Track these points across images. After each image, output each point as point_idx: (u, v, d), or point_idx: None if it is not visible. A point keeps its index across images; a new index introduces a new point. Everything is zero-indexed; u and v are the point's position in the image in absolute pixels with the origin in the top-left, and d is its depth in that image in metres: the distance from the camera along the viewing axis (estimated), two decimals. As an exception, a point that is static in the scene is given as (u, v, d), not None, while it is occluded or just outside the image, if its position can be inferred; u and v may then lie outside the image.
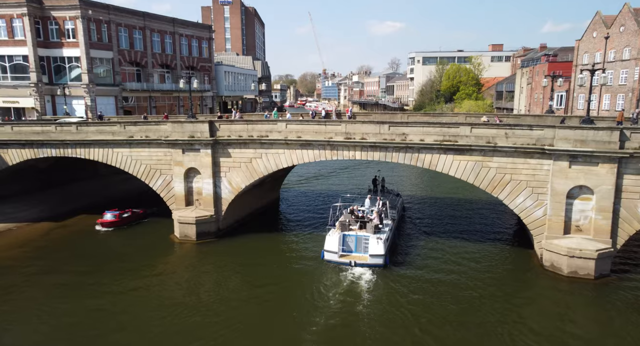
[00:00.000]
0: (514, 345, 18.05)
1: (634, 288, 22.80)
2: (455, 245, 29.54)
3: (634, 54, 49.99)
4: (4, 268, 26.05)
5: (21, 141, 33.24)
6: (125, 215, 33.95)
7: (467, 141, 26.15)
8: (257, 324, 20.02)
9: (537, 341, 18.31)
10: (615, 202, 23.65)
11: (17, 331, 19.38)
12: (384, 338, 18.65)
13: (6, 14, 44.03)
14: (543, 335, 18.70)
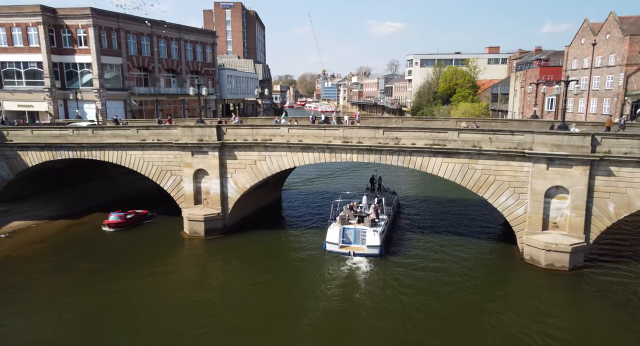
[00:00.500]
0: (495, 327, 20.36)
1: (604, 278, 25.07)
2: (445, 239, 31.89)
3: (619, 61, 52.28)
4: (27, 261, 28.27)
5: (40, 144, 35.46)
6: (129, 216, 35.24)
7: (454, 145, 28.43)
8: (262, 309, 22.29)
9: (517, 323, 20.58)
10: (588, 200, 25.95)
11: (40, 318, 21.52)
12: (378, 320, 20.90)
13: (22, 23, 46.32)
14: (522, 318, 20.93)
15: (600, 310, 21.94)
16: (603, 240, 28.78)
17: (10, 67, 48.14)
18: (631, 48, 50.82)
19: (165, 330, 20.17)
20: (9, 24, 46.69)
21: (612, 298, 22.90)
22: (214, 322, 20.91)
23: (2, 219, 34.60)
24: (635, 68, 50.94)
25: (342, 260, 27.80)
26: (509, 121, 40.35)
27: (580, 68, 60.37)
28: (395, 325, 20.52)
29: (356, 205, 31.97)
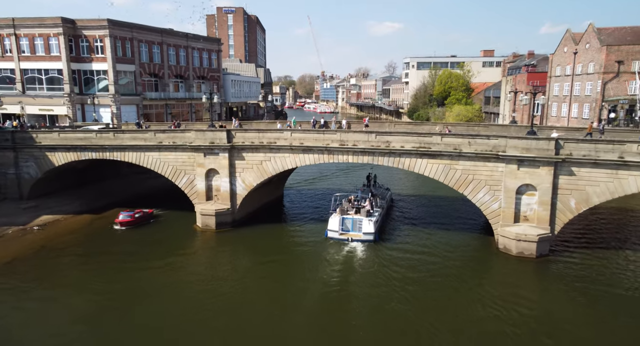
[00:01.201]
0: (470, 301, 23.96)
1: (566, 264, 28.72)
2: (432, 230, 35.80)
3: (597, 69, 55.95)
4: (61, 250, 31.83)
5: (67, 145, 39.02)
6: (137, 215, 37.14)
7: (438, 148, 32.12)
8: (269, 288, 25.98)
9: (488, 299, 24.16)
10: (553, 197, 29.61)
11: (74, 300, 25.00)
12: (371, 296, 24.55)
13: (44, 33, 49.90)
14: (494, 297, 24.50)
15: (561, 291, 25.50)
16: (566, 232, 32.46)
17: (32, 74, 51.76)
18: (608, 57, 54.54)
19: (184, 305, 23.61)
20: (32, 35, 50.36)
21: (571, 280, 26.51)
22: (224, 300, 24.43)
23: (33, 213, 38.21)
24: (611, 76, 54.67)
25: (341, 245, 31.97)
26: (490, 125, 44.05)
27: (563, 75, 64.06)
28: (385, 299, 24.13)
29: (354, 198, 36.18)
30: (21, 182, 40.09)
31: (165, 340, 20.45)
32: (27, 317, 22.42)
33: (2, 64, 51.87)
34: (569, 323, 22.00)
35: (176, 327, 21.37)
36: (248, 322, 22.09)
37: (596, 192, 28.71)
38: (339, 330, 21.45)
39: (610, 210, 40.64)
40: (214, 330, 21.44)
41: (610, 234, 35.19)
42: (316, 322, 22.27)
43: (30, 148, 39.49)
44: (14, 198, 40.15)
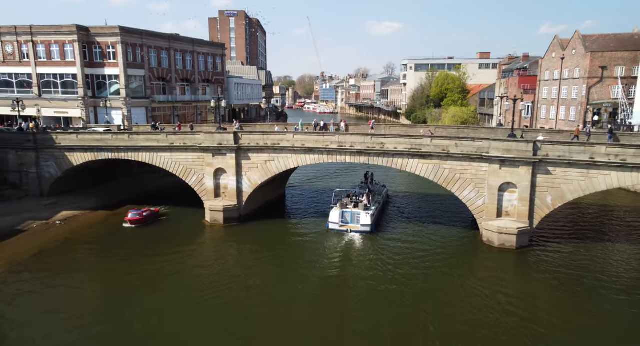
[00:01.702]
0: (455, 286, 26.81)
1: (543, 254, 31.55)
2: (423, 223, 38.91)
3: (582, 74, 58.84)
4: (82, 243, 34.56)
5: (84, 146, 41.81)
6: (145, 214, 38.81)
7: (428, 149, 34.98)
8: (274, 274, 28.91)
9: (472, 284, 26.98)
10: (531, 193, 32.44)
11: (100, 286, 27.97)
12: (366, 279, 27.42)
13: (60, 40, 52.65)
14: (477, 283, 27.32)
15: (538, 278, 28.18)
16: (544, 225, 35.33)
17: (48, 78, 54.56)
18: (592, 63, 57.44)
19: (195, 288, 26.37)
20: (48, 41, 53.12)
21: (547, 269, 29.28)
22: (232, 283, 27.17)
23: (53, 209, 41.03)
24: (595, 81, 57.59)
25: (341, 236, 35.36)
26: (479, 128, 46.84)
27: (551, 79, 66.91)
28: (379, 282, 26.94)
29: (352, 194, 39.62)
30: (42, 180, 42.91)
31: (178, 319, 23.32)
32: (57, 301, 25.30)
33: (20, 69, 54.76)
34: (544, 305, 24.69)
35: (188, 307, 24.18)
36: (253, 302, 24.89)
37: (570, 189, 31.60)
38: (337, 310, 24.24)
39: (583, 205, 43.68)
40: (223, 308, 24.30)
41: (583, 228, 38.11)
42: (317, 303, 25.07)
43: (50, 149, 42.31)
44: (34, 196, 42.93)
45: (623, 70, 56.24)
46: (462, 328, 22.12)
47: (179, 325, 22.34)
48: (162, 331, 22.03)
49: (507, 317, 23.15)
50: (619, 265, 30.57)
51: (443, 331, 21.87)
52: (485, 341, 21.02)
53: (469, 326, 22.21)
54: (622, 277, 28.26)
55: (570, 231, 37.07)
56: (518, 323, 22.49)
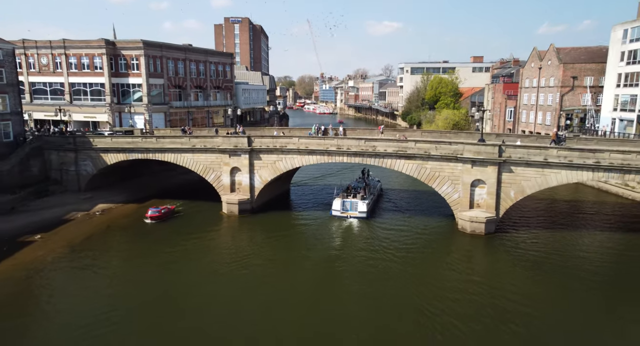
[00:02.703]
0: (432, 262, 33.03)
1: (506, 239, 37.54)
2: (409, 212, 45.51)
3: (556, 83, 65.10)
4: (120, 230, 40.60)
5: (118, 148, 47.98)
6: (163, 211, 42.88)
7: (412, 151, 41.25)
8: (284, 252, 35.27)
9: (446, 262, 33.17)
10: (497, 188, 38.58)
11: (138, 261, 34.11)
12: (361, 256, 33.55)
13: (89, 53, 58.77)
14: (452, 261, 33.51)
15: (501, 258, 34.09)
16: (510, 216, 41.69)
17: (78, 87, 60.66)
18: (565, 73, 63.71)
19: (217, 264, 32.55)
20: (79, 54, 59.21)
21: (509, 250, 35.16)
22: (244, 262, 32.90)
23: (91, 202, 47.22)
24: (567, 89, 63.88)
25: (342, 221, 42.30)
26: (459, 133, 53.08)
27: (531, 86, 73.13)
28: (370, 258, 33.01)
29: (352, 187, 46.55)
30: (80, 177, 49.04)
31: (204, 286, 29.53)
32: (107, 277, 31.69)
33: (54, 78, 60.87)
34: (504, 278, 30.70)
35: (211, 277, 30.35)
36: (263, 276, 31.04)
37: (528, 185, 37.83)
38: (334, 279, 30.45)
39: (549, 200, 50.00)
40: (241, 278, 30.36)
41: (545, 218, 44.24)
42: (318, 274, 31.26)
43: (87, 150, 48.45)
44: (73, 191, 49.03)
45: (592, 80, 62.55)
46: (437, 292, 28.26)
47: (204, 292, 28.35)
48: (190, 297, 27.91)
49: (473, 286, 29.13)
50: (571, 246, 36.57)
51: (421, 296, 27.92)
52: (455, 302, 27.13)
53: (443, 292, 28.27)
54: (571, 255, 34.35)
55: (533, 221, 43.33)
56: (481, 291, 28.36)
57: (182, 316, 25.28)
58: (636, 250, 36.03)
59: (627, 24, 55.59)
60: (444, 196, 40.92)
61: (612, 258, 34.57)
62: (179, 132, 54.16)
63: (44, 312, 26.19)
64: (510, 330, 23.91)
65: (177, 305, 26.73)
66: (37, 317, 25.56)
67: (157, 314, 25.69)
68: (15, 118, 47.61)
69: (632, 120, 54.35)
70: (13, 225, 38.60)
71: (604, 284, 29.95)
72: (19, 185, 45.02)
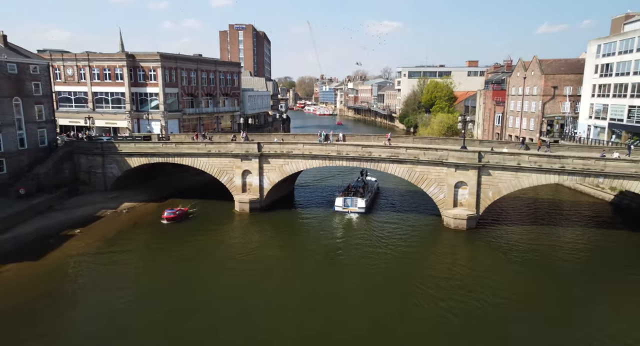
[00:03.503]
0: (422, 251, 38.31)
1: (485, 233, 42.56)
2: (402, 209, 50.95)
3: (538, 92, 70.27)
4: (146, 226, 45.71)
5: (141, 153, 53.22)
6: (178, 212, 46.19)
7: (404, 156, 46.55)
8: (290, 243, 40.70)
9: (432, 253, 38.47)
10: (477, 189, 43.81)
11: (163, 253, 39.42)
12: (359, 244, 38.80)
13: (111, 65, 63.89)
14: (437, 251, 38.83)
15: (481, 249, 39.33)
16: (488, 213, 46.96)
17: (101, 95, 65.79)
18: (546, 83, 68.90)
19: (231, 253, 37.72)
20: (102, 66, 64.35)
21: (489, 242, 40.17)
22: (253, 254, 37.90)
23: (117, 201, 52.33)
24: (549, 98, 69.07)
25: (343, 215, 47.97)
26: (447, 139, 58.33)
27: (516, 94, 78.31)
28: (366, 247, 38.20)
29: (352, 186, 52.34)
30: (106, 179, 54.14)
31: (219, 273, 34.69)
32: (136, 266, 36.97)
33: (78, 88, 65.96)
34: (482, 265, 35.78)
35: (225, 265, 35.44)
36: (272, 263, 36.20)
37: (504, 186, 43.06)
38: (334, 266, 35.82)
39: (527, 199, 55.27)
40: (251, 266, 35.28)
41: (518, 214, 49.33)
42: (323, 260, 36.70)
43: (113, 155, 53.64)
44: (100, 191, 54.09)
45: (570, 90, 67.75)
46: (422, 276, 33.47)
47: (218, 278, 33.49)
48: (205, 282, 33.16)
49: (455, 271, 34.31)
50: (543, 239, 41.41)
51: (409, 279, 33.15)
52: (437, 284, 32.19)
53: (428, 275, 33.39)
54: (542, 245, 39.35)
55: (510, 218, 48.50)
56: (462, 274, 33.52)
57: (205, 301, 30.53)
58: (601, 243, 41.28)
59: (601, 39, 60.82)
60: (431, 196, 46.20)
61: (580, 248, 39.77)
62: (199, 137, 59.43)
63: (89, 291, 31.31)
64: (484, 301, 29.10)
65: (200, 288, 31.91)
66: (86, 294, 30.80)
67: (181, 294, 30.88)
68: (50, 126, 52.81)
69: (604, 128, 59.62)
70: (54, 221, 43.81)
71: (565, 268, 35.07)
72: (54, 185, 50.18)
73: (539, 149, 48.66)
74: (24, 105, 48.63)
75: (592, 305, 29.56)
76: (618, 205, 51.29)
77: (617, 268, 35.38)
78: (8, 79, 46.45)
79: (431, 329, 26.47)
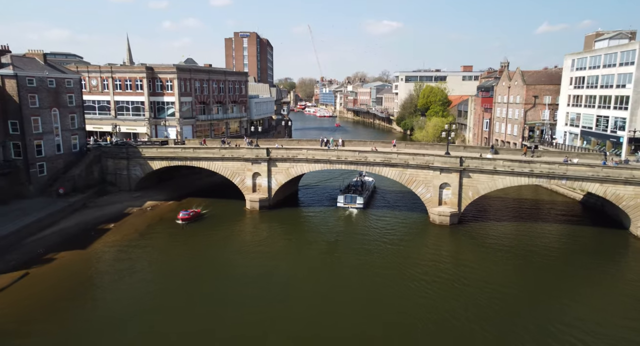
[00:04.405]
0: (410, 242, 44.47)
1: (466, 228, 48.67)
2: (395, 207, 56.41)
3: (521, 101, 76.46)
4: (169, 221, 51.74)
5: (162, 156, 59.32)
6: (192, 213, 50.48)
7: (395, 161, 52.72)
8: (297, 235, 47.00)
9: (420, 244, 44.55)
10: (459, 190, 49.95)
11: (184, 245, 45.82)
12: (357, 234, 44.86)
13: (132, 77, 70.00)
14: (423, 243, 44.80)
15: (462, 241, 45.26)
16: (470, 211, 53.18)
17: (122, 104, 71.93)
18: (528, 93, 75.14)
19: (243, 245, 43.59)
20: (124, 77, 70.53)
21: (469, 236, 46.10)
22: (262, 246, 43.61)
23: (141, 200, 58.27)
24: (530, 106, 75.28)
25: (345, 210, 54.49)
26: (436, 144, 64.64)
27: (502, 102, 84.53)
28: (363, 238, 43.95)
29: (352, 185, 58.75)
30: (130, 180, 60.26)
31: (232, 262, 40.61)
32: (169, 255, 43.19)
33: (101, 97, 72.11)
34: (463, 255, 41.61)
35: (237, 256, 41.22)
36: (279, 252, 42.68)
37: (482, 187, 49.24)
38: (334, 255, 41.96)
39: (506, 198, 61.46)
40: (260, 255, 41.07)
41: (497, 212, 55.05)
42: (325, 249, 42.94)
43: (137, 158, 59.82)
44: (125, 190, 60.16)
45: (550, 99, 74.03)
46: (411, 263, 39.26)
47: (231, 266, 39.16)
48: (220, 269, 39.13)
49: (439, 259, 40.27)
50: (517, 232, 47.30)
51: (399, 265, 39.23)
52: (423, 271, 38.20)
53: (415, 262, 39.17)
54: (515, 237, 45.30)
55: (489, 215, 54.44)
56: (445, 262, 39.43)
57: (225, 284, 36.80)
58: (569, 236, 47.25)
59: (575, 54, 67.01)
60: (419, 195, 52.35)
61: (550, 241, 45.51)
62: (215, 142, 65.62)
63: (127, 274, 36.95)
64: (459, 283, 35.02)
65: (221, 271, 38.01)
66: (126, 275, 36.59)
67: (202, 277, 36.90)
68: (81, 132, 58.93)
69: (577, 134, 65.90)
70: (90, 217, 49.89)
71: (535, 258, 40.93)
72: (85, 186, 56.31)
73: (525, 155, 54.63)
74: (60, 115, 54.74)
75: (555, 291, 34.47)
76: (586, 204, 57.42)
77: (580, 259, 41.04)
78: (48, 92, 52.56)
79: (414, 303, 32.40)
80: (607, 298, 33.28)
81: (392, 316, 30.47)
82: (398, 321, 29.84)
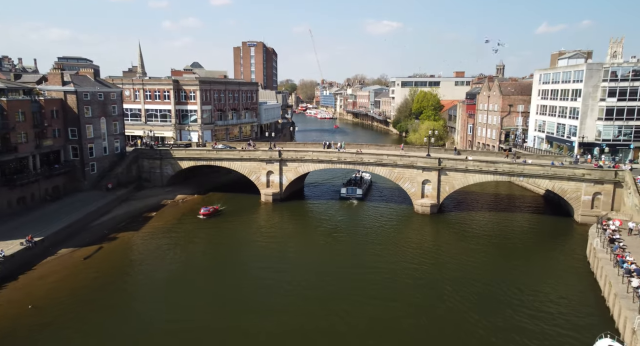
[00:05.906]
0: (397, 227, 54.70)
1: (445, 217, 58.68)
2: (386, 198, 65.52)
3: (498, 108, 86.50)
4: (197, 212, 62.64)
5: (189, 157, 69.35)
6: (211, 210, 56.65)
7: (386, 161, 62.70)
8: (303, 228, 57.22)
9: (402, 231, 54.50)
10: (438, 185, 59.49)
11: (211, 232, 56.04)
12: (355, 219, 54.58)
13: (161, 88, 79.97)
14: (408, 229, 54.58)
15: (441, 227, 55.23)
16: (448, 203, 63.36)
17: (151, 112, 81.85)
18: (504, 102, 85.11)
19: (258, 231, 53.18)
20: (153, 89, 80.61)
21: (447, 223, 55.98)
22: (275, 231, 52.90)
23: (172, 194, 67.86)
24: (506, 113, 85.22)
25: (347, 201, 63.99)
26: (423, 146, 74.90)
27: (483, 109, 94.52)
28: (360, 222, 53.99)
29: (352, 179, 68.23)
30: (163, 177, 70.10)
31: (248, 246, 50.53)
32: (201, 237, 53.23)
33: (133, 105, 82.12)
34: (442, 239, 51.36)
35: (254, 241, 50.55)
36: (290, 237, 52.81)
37: (457, 182, 59.02)
38: (337, 235, 52.06)
39: (480, 193, 71.60)
40: (273, 239, 50.64)
41: (471, 204, 64.79)
42: (329, 233, 53.05)
43: (168, 159, 69.79)
44: (158, 186, 69.82)
45: (522, 107, 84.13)
46: (397, 244, 49.35)
47: (247, 251, 48.40)
48: (236, 254, 49.24)
49: (422, 241, 50.37)
50: (487, 219, 56.67)
51: (388, 246, 49.09)
52: (407, 251, 48.30)
53: (402, 244, 48.75)
54: (486, 223, 54.82)
55: (464, 206, 64.90)
56: (426, 243, 49.16)
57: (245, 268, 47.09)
58: (530, 223, 56.56)
59: (542, 70, 76.96)
60: (406, 190, 62.37)
61: (514, 226, 54.63)
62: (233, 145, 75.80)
63: (171, 249, 46.59)
64: (436, 260, 44.47)
65: (245, 251, 48.45)
66: (171, 250, 46.53)
67: (226, 258, 47.26)
68: (121, 137, 68.87)
69: (543, 138, 76.07)
70: (134, 208, 59.79)
71: (499, 237, 50.74)
72: (127, 182, 66.43)
73: (507, 157, 64.28)
74: (107, 123, 64.81)
75: (514, 262, 43.66)
76: (547, 198, 67.39)
77: (535, 239, 50.54)
78: (98, 104, 62.64)
79: (401, 267, 42.40)
80: (547, 266, 43.36)
81: (378, 276, 40.32)
82: (382, 279, 39.80)
